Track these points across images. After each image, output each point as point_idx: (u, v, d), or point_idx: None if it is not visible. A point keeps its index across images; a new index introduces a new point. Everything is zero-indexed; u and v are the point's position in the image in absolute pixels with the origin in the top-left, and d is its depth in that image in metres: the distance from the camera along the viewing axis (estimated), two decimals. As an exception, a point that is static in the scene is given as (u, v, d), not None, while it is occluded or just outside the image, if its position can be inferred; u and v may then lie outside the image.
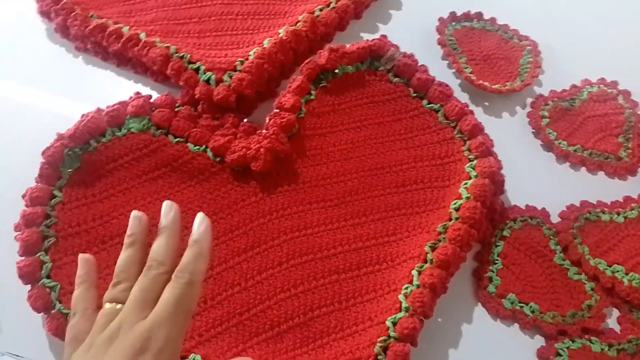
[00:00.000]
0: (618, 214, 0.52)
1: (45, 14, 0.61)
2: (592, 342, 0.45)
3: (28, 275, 0.43)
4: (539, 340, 0.46)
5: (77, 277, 0.35)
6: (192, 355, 0.42)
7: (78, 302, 0.34)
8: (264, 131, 0.51)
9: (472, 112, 0.53)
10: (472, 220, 0.46)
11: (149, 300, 0.32)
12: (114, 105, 0.52)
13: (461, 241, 0.45)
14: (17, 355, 0.44)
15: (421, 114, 0.54)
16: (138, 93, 0.54)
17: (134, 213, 0.36)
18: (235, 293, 0.46)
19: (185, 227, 0.47)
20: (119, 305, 0.32)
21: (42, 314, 0.43)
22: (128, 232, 0.35)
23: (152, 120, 0.51)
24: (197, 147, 0.51)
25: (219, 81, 0.53)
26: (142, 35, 0.55)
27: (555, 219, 0.51)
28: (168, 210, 0.35)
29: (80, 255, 0.36)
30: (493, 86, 0.57)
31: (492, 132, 0.53)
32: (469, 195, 0.47)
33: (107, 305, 0.32)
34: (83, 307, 0.33)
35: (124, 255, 0.34)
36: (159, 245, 0.34)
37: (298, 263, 0.47)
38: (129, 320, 0.31)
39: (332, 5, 0.58)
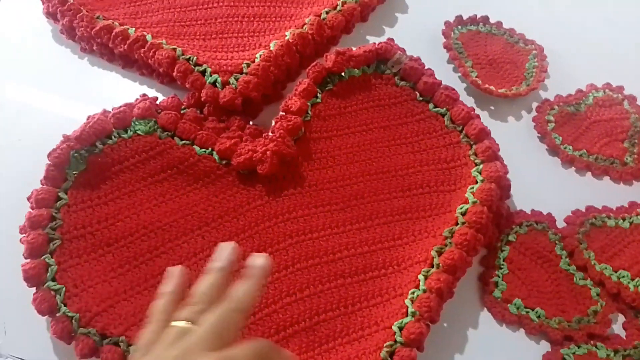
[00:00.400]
0: (624, 219, 0.52)
1: (51, 15, 0.60)
2: (597, 348, 0.45)
3: (33, 277, 0.43)
4: (545, 346, 0.46)
5: (165, 288, 0.35)
6: None
7: (159, 312, 0.34)
8: (270, 134, 0.51)
9: (478, 117, 0.53)
10: (479, 224, 0.46)
11: (220, 334, 0.32)
12: (120, 107, 0.52)
13: (468, 246, 0.45)
14: (21, 359, 0.44)
15: (427, 118, 0.54)
16: (144, 95, 0.54)
17: (227, 244, 0.36)
18: None
19: (190, 230, 0.48)
20: (190, 324, 0.32)
21: (47, 316, 0.43)
22: (218, 258, 0.35)
23: (158, 122, 0.51)
24: (203, 149, 0.51)
25: (225, 84, 0.53)
26: (149, 37, 0.55)
27: (560, 224, 0.51)
28: (262, 260, 0.35)
29: (173, 269, 0.36)
30: (499, 90, 0.57)
31: (497, 136, 0.53)
32: (475, 199, 0.47)
33: (179, 323, 0.32)
34: (162, 318, 0.33)
35: (209, 278, 0.34)
36: (243, 287, 0.34)
37: (304, 267, 0.47)
38: (198, 347, 0.31)
39: (338, 8, 0.58)
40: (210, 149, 0.51)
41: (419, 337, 0.41)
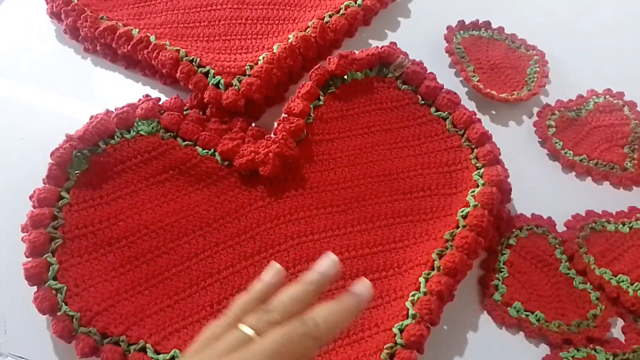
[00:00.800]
0: (623, 224, 0.52)
1: (55, 15, 0.61)
2: (596, 352, 0.45)
3: (35, 276, 0.43)
4: (544, 349, 0.46)
5: (259, 284, 0.32)
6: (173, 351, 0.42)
7: (238, 307, 0.31)
8: (273, 136, 0.51)
9: (479, 121, 0.53)
10: (480, 228, 0.46)
11: (281, 357, 0.28)
12: (123, 107, 0.52)
13: (468, 249, 0.45)
14: (21, 358, 0.44)
15: (429, 122, 0.54)
16: (147, 95, 0.54)
17: (334, 258, 0.32)
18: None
19: (192, 230, 0.48)
20: (253, 334, 0.29)
21: (47, 315, 0.43)
22: (321, 269, 0.32)
23: (161, 123, 0.51)
24: (206, 150, 0.51)
25: (228, 85, 0.53)
26: (152, 38, 0.55)
27: (561, 228, 0.51)
28: (364, 288, 0.32)
29: (273, 265, 0.33)
30: (500, 95, 0.57)
31: (498, 140, 0.53)
32: (476, 203, 0.48)
33: (243, 328, 0.29)
34: (236, 315, 0.30)
35: (297, 289, 0.31)
36: (328, 310, 0.30)
37: (305, 268, 0.47)
38: None
39: (341, 11, 0.59)
40: (212, 150, 0.51)
41: (419, 339, 0.41)
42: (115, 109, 0.52)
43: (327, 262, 0.32)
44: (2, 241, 0.48)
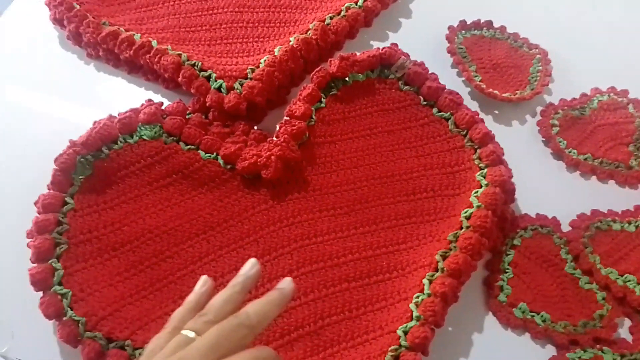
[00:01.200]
0: (629, 223, 0.52)
1: (58, 21, 0.61)
2: (604, 352, 0.45)
3: (40, 282, 0.44)
4: (551, 350, 0.45)
5: (191, 296, 0.36)
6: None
7: (175, 319, 0.34)
8: (275, 139, 0.51)
9: (482, 121, 0.53)
10: (483, 228, 0.46)
11: (221, 348, 0.31)
12: (126, 112, 0.52)
13: (472, 250, 0.45)
14: (28, 362, 0.44)
15: (431, 122, 0.54)
16: (150, 100, 0.55)
17: (253, 261, 0.36)
18: (245, 301, 0.46)
19: (195, 234, 0.48)
20: (193, 335, 0.32)
21: (53, 320, 0.43)
22: (243, 272, 0.36)
23: (163, 127, 0.52)
24: (208, 154, 0.51)
25: (230, 89, 0.53)
26: (154, 43, 0.56)
27: (565, 227, 0.51)
28: (286, 284, 0.36)
29: (202, 278, 0.37)
30: (503, 94, 0.57)
31: (502, 140, 0.53)
32: (479, 203, 0.47)
33: (183, 332, 0.32)
34: (176, 326, 0.33)
35: (226, 292, 0.35)
36: (257, 303, 0.34)
37: (308, 271, 0.47)
38: (192, 358, 0.30)
39: (342, 13, 0.59)
40: (215, 153, 0.51)
41: (424, 341, 0.41)
42: (118, 114, 0.52)
43: (248, 266, 0.36)
44: (7, 247, 0.48)
